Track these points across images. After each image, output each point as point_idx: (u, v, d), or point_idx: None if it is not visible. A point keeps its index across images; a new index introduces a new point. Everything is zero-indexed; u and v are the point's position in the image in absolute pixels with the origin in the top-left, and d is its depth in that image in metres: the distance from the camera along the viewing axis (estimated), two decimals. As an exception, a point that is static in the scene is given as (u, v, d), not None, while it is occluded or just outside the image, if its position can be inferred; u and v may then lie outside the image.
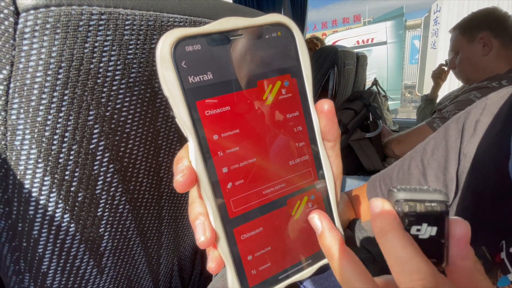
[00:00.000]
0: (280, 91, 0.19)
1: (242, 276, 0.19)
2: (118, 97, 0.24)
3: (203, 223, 0.18)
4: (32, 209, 0.22)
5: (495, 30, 0.93)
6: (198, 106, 0.17)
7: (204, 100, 0.17)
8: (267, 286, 0.20)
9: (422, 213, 0.17)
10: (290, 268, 0.20)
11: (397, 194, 0.17)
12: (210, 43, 0.17)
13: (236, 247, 0.19)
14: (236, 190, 0.18)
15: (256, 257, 0.19)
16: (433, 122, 0.95)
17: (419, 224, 0.17)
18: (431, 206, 0.17)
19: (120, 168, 0.26)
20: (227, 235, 0.18)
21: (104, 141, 0.24)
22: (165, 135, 0.30)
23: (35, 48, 0.20)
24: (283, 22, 0.19)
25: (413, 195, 0.17)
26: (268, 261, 0.20)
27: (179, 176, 0.17)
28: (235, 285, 0.19)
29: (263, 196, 0.19)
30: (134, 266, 0.33)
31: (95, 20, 0.21)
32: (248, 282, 0.19)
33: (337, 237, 0.19)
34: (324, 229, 0.20)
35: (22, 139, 0.21)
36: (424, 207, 0.17)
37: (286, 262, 0.20)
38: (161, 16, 0.26)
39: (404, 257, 0.16)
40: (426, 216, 0.17)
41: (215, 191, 0.17)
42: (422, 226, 0.17)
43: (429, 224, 0.17)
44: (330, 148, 0.21)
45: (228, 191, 0.18)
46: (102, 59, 0.22)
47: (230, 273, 0.19)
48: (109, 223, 0.27)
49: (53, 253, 0.25)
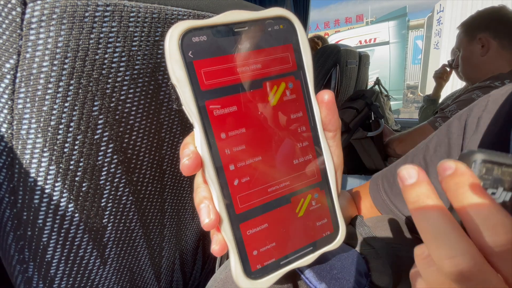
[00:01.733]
0: (282, 81, 0.20)
1: (245, 260, 0.19)
2: (122, 88, 0.24)
3: (208, 206, 0.18)
4: (37, 198, 0.23)
5: (494, 30, 0.93)
6: (203, 93, 0.17)
7: (209, 88, 0.17)
8: (269, 271, 0.20)
9: (498, 176, 0.16)
10: (292, 254, 0.21)
11: (475, 155, 0.16)
12: (215, 34, 0.18)
13: (239, 231, 0.19)
14: (239, 174, 0.19)
15: (258, 242, 0.20)
16: (435, 122, 0.95)
17: (495, 188, 0.16)
18: (508, 171, 0.16)
19: (124, 159, 0.26)
20: (230, 218, 0.19)
21: (109, 132, 0.24)
22: (168, 128, 0.30)
23: (41, 38, 0.20)
24: (285, 16, 0.20)
25: (492, 157, 0.16)
26: (270, 246, 0.20)
27: (185, 159, 0.18)
28: (237, 269, 0.19)
29: (265, 183, 0.20)
30: (136, 258, 0.33)
31: (100, 11, 0.22)
32: (250, 266, 0.20)
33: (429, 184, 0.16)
34: (419, 179, 0.17)
35: (28, 128, 0.21)
36: (501, 170, 0.16)
37: (288, 248, 0.21)
38: (165, 9, 0.26)
39: (487, 213, 0.14)
40: (501, 180, 0.16)
41: (218, 175, 0.18)
42: (498, 190, 0.16)
43: (505, 188, 0.16)
44: (330, 138, 0.22)
45: (231, 175, 0.19)
46: (107, 50, 0.23)
47: (233, 256, 0.19)
48: (112, 213, 0.27)
49: (58, 242, 0.25)
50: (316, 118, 0.21)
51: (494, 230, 0.14)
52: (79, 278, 0.28)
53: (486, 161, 0.16)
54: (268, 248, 0.20)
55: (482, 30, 0.95)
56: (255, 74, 0.19)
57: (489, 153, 0.16)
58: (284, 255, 0.21)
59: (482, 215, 0.15)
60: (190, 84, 0.17)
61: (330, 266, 0.37)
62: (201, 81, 0.17)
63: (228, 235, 0.19)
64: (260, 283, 0.20)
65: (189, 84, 0.17)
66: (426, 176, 0.17)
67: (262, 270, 0.20)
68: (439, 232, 0.15)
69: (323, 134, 0.21)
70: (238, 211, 0.19)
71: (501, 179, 0.16)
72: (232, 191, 0.19)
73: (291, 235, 0.21)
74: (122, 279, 0.33)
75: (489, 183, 0.16)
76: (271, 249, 0.20)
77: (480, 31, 0.95)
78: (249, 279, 0.19)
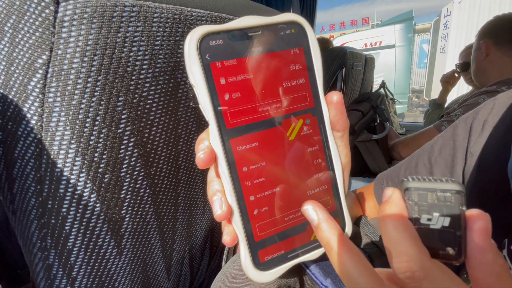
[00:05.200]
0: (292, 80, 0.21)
1: (254, 251, 0.21)
2: (144, 85, 0.25)
3: (220, 199, 0.20)
4: (63, 188, 0.24)
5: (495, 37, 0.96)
6: (219, 92, 0.19)
7: (225, 87, 0.19)
8: (276, 263, 0.21)
9: (433, 202, 0.17)
10: (299, 249, 0.22)
11: (408, 183, 0.17)
12: (231, 38, 0.19)
13: (249, 223, 0.20)
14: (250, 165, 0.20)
15: (267, 234, 0.21)
16: (441, 125, 0.96)
17: (430, 214, 0.16)
18: (444, 196, 0.16)
19: (144, 153, 0.27)
20: (241, 211, 0.20)
21: (131, 126, 0.25)
22: (185, 124, 0.31)
23: (73, 35, 0.21)
24: (296, 20, 0.21)
25: (425, 185, 0.17)
26: (278, 240, 0.21)
27: (200, 153, 0.19)
28: (247, 260, 0.20)
29: (275, 178, 0.21)
30: (150, 250, 0.34)
31: (127, 11, 0.23)
32: (259, 257, 0.21)
33: (335, 227, 0.19)
34: (320, 221, 0.19)
35: (58, 121, 0.22)
36: (435, 197, 0.17)
37: (295, 243, 0.22)
38: (185, 10, 0.27)
39: (395, 239, 0.16)
40: (437, 206, 0.16)
41: (231, 169, 0.19)
42: (433, 216, 0.16)
43: (441, 214, 0.16)
44: (339, 138, 0.23)
45: (243, 170, 0.20)
46: (132, 48, 0.24)
47: (243, 247, 0.20)
48: (130, 205, 0.29)
49: (79, 231, 0.26)
50: (325, 119, 0.22)
51: (398, 258, 0.15)
52: (97, 266, 0.29)
53: (418, 188, 0.17)
54: (277, 242, 0.21)
55: (486, 36, 0.99)
56: (267, 74, 0.20)
57: (422, 181, 0.17)
58: (291, 249, 0.22)
59: (392, 242, 0.16)
60: (206, 84, 0.18)
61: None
62: (217, 81, 0.19)
63: (239, 226, 0.20)
64: (268, 275, 0.21)
65: (206, 84, 0.18)
66: (399, 194, 0.18)
67: (270, 262, 0.21)
68: (394, 241, 0.16)
69: (331, 135, 0.22)
70: (249, 204, 0.20)
71: (436, 205, 0.17)
72: (243, 185, 0.20)
73: (299, 232, 0.22)
74: (136, 269, 0.34)
75: (424, 209, 0.17)
76: (279, 243, 0.21)
77: (483, 37, 0.99)
78: (258, 270, 0.20)
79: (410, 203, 0.17)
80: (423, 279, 0.15)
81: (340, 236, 0.18)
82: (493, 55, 0.96)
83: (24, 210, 0.26)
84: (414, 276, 0.15)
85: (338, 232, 0.18)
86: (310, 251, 0.22)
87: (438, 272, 0.15)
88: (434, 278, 0.15)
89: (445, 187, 0.17)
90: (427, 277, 0.15)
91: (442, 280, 0.15)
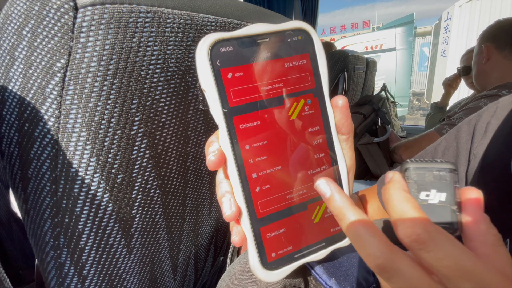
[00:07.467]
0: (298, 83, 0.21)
1: (261, 251, 0.21)
2: (157, 88, 0.26)
3: (229, 200, 0.20)
4: (77, 187, 0.25)
5: (497, 41, 0.98)
6: (229, 96, 0.20)
7: (234, 92, 0.20)
8: (283, 263, 0.22)
9: (430, 180, 0.19)
10: (305, 249, 0.23)
11: (407, 164, 0.19)
12: (240, 45, 0.20)
13: (257, 223, 0.21)
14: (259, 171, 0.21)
15: (275, 235, 0.21)
16: (442, 129, 0.96)
17: (428, 190, 0.18)
18: (439, 175, 0.18)
19: (155, 154, 0.28)
20: (249, 211, 0.21)
21: (143, 128, 0.26)
22: (194, 127, 0.32)
23: (91, 41, 0.22)
24: (303, 28, 0.22)
25: (422, 165, 0.19)
26: (285, 240, 0.22)
27: (211, 155, 0.20)
28: (255, 259, 0.21)
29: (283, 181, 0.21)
30: (158, 250, 0.35)
31: (142, 17, 0.24)
32: (267, 257, 0.21)
33: (346, 198, 0.20)
34: (333, 192, 0.20)
35: (74, 123, 0.23)
36: (432, 175, 0.19)
37: (302, 243, 0.22)
38: (196, 16, 0.28)
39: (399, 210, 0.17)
40: (434, 183, 0.19)
41: (240, 171, 0.20)
42: (430, 192, 0.18)
43: (438, 190, 0.18)
44: (344, 141, 0.23)
45: (251, 171, 0.21)
46: (146, 53, 0.24)
47: (251, 247, 0.21)
48: (141, 205, 0.29)
49: (91, 230, 0.27)
50: (330, 123, 0.23)
51: (404, 224, 0.16)
52: (107, 265, 0.30)
53: (417, 168, 0.19)
54: (284, 243, 0.22)
55: (488, 40, 1.00)
56: (275, 81, 0.21)
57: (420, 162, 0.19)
58: (298, 249, 0.22)
59: (397, 212, 0.17)
60: (217, 89, 0.19)
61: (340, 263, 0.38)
62: (227, 86, 0.19)
63: (247, 227, 0.21)
64: (275, 274, 0.21)
65: (216, 89, 0.19)
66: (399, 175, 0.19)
67: (278, 262, 0.22)
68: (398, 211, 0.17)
69: (337, 138, 0.23)
70: (257, 205, 0.21)
71: (433, 182, 0.19)
72: (252, 187, 0.21)
73: (306, 232, 0.23)
74: (144, 269, 0.34)
75: (422, 186, 0.19)
76: (286, 243, 0.22)
77: (487, 41, 1.00)
78: (266, 269, 0.21)
79: (409, 181, 0.19)
80: (428, 241, 0.16)
81: (351, 204, 0.19)
82: (495, 59, 0.98)
83: (38, 209, 0.26)
84: (419, 238, 0.16)
85: (349, 201, 0.19)
86: (316, 252, 0.23)
87: (440, 234, 0.16)
88: (438, 239, 0.16)
89: (440, 166, 0.19)
90: (431, 238, 0.16)
91: (445, 241, 0.16)
